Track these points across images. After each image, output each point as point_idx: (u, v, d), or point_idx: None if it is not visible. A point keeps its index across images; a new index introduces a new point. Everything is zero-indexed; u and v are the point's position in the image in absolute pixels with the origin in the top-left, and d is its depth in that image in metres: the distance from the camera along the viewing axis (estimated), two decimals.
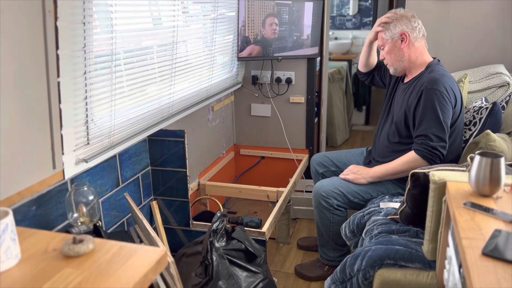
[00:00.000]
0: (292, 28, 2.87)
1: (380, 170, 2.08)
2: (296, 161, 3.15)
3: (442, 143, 1.93)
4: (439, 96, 1.93)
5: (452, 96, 1.97)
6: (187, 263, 1.89)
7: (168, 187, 2.16)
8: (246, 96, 3.18)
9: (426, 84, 1.97)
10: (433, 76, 1.99)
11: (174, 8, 2.07)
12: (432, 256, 1.51)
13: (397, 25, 2.05)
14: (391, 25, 2.07)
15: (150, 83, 1.99)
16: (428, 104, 1.94)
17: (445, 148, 1.94)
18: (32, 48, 1.30)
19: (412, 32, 2.05)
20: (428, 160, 1.94)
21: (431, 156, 1.93)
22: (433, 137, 1.93)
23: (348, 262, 1.68)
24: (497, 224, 1.12)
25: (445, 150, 1.94)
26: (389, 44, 2.10)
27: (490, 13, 2.70)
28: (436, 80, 1.96)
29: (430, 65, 2.07)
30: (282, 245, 2.70)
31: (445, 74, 2.01)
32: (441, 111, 1.93)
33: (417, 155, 1.95)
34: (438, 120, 1.92)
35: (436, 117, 1.93)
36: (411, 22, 2.05)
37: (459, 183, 1.34)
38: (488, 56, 2.74)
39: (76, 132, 1.55)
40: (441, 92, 1.93)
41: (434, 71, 2.03)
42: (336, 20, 5.64)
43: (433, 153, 1.92)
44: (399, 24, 2.05)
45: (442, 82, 1.96)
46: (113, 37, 1.66)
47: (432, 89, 1.94)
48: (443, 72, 2.03)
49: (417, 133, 1.97)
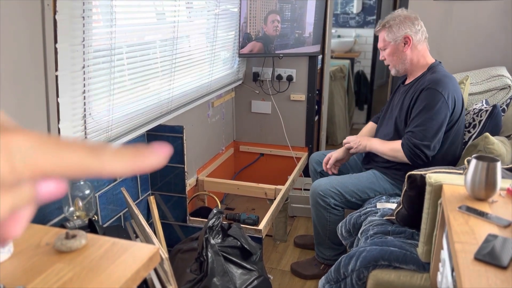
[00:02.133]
0: (294, 25, 2.86)
1: (373, 147, 2.13)
2: (295, 159, 3.15)
3: (427, 143, 1.92)
4: (438, 97, 1.93)
5: (451, 100, 1.96)
6: (182, 259, 1.90)
7: (166, 183, 2.17)
8: (246, 93, 3.17)
9: (427, 83, 1.96)
10: (435, 76, 1.98)
11: (176, 3, 2.06)
12: (427, 258, 1.51)
13: (400, 28, 2.04)
14: (394, 28, 2.05)
15: (150, 78, 1.99)
16: (425, 103, 1.94)
17: (429, 148, 1.92)
18: (31, 41, 1.30)
19: (415, 35, 2.04)
20: (408, 157, 1.95)
21: (410, 154, 1.93)
22: (419, 135, 1.93)
23: (343, 262, 1.68)
24: (491, 229, 1.12)
25: (429, 150, 1.93)
26: (391, 46, 2.08)
27: (493, 15, 2.69)
28: (438, 80, 1.95)
29: (432, 66, 2.06)
30: (279, 243, 2.70)
31: (447, 75, 2.01)
32: (435, 113, 1.92)
33: (400, 147, 1.98)
34: (430, 121, 1.92)
35: (429, 117, 1.92)
36: (415, 25, 2.04)
37: (455, 186, 1.34)
38: (490, 58, 2.72)
39: (74, 126, 1.55)
40: (441, 94, 1.93)
41: (436, 72, 2.02)
42: (339, 18, 5.62)
43: (413, 151, 1.92)
44: (402, 27, 2.03)
45: (444, 83, 1.95)
46: (113, 32, 1.66)
47: (431, 89, 1.94)
48: (445, 73, 2.02)
49: (407, 128, 1.99)
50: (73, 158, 0.24)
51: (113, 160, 0.25)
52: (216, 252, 1.77)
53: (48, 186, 0.25)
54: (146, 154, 0.26)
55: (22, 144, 0.24)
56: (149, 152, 0.26)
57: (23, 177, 0.24)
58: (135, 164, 0.26)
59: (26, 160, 0.23)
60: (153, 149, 0.26)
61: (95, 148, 0.25)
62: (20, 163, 0.23)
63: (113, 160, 0.25)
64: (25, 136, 0.24)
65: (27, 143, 0.24)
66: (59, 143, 0.24)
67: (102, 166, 0.25)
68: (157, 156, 0.26)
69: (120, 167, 0.25)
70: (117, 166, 0.25)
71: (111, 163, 0.25)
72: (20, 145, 0.23)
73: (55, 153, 0.24)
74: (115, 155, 0.25)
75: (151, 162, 0.26)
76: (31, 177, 0.24)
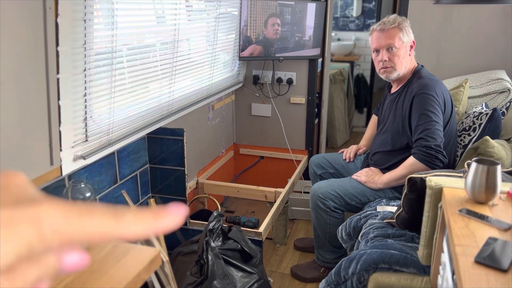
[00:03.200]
0: (294, 28, 2.87)
1: (388, 177, 2.07)
2: (295, 161, 3.15)
3: (437, 142, 1.92)
4: (430, 99, 1.96)
5: (442, 100, 1.99)
6: (182, 262, 1.90)
7: (166, 185, 2.17)
8: (246, 96, 3.18)
9: (416, 90, 2.00)
10: (423, 82, 2.02)
11: (176, 6, 2.07)
12: (427, 262, 1.51)
13: (410, 31, 2.09)
14: (406, 30, 2.07)
15: (151, 80, 1.99)
16: (420, 109, 1.96)
17: (441, 147, 1.93)
18: (32, 44, 1.30)
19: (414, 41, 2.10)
20: (426, 163, 1.92)
21: (426, 157, 1.92)
22: (428, 138, 1.93)
23: (343, 265, 1.68)
24: (491, 232, 1.12)
25: (442, 149, 1.93)
26: (403, 48, 2.07)
27: (492, 19, 2.70)
28: (426, 85, 1.99)
29: (417, 70, 2.10)
30: (279, 246, 2.70)
31: (433, 78, 2.05)
32: (433, 114, 1.95)
33: (415, 158, 1.95)
34: (431, 123, 1.94)
35: (429, 120, 1.94)
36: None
37: (455, 190, 1.34)
38: (489, 61, 2.73)
39: (75, 128, 1.55)
40: (432, 96, 1.97)
41: (422, 77, 2.05)
42: (339, 21, 5.63)
43: (429, 153, 1.92)
44: (410, 30, 2.09)
45: (432, 86, 1.99)
46: (114, 35, 1.66)
47: (422, 94, 1.98)
48: (430, 76, 2.07)
49: (414, 138, 1.98)
50: (97, 225, 0.26)
51: (134, 224, 0.27)
52: (217, 255, 1.77)
53: (73, 257, 0.27)
54: (164, 216, 0.28)
55: (49, 213, 0.25)
56: (167, 214, 0.28)
57: (51, 246, 0.25)
58: (154, 227, 0.27)
59: (54, 229, 0.25)
60: (170, 210, 0.28)
61: (116, 213, 0.27)
62: (48, 232, 0.25)
63: (134, 224, 0.27)
64: (51, 205, 0.25)
65: (54, 212, 0.25)
66: (83, 210, 0.26)
67: (123, 232, 0.27)
68: (174, 217, 0.28)
69: (140, 230, 0.27)
70: (137, 230, 0.27)
71: (132, 228, 0.27)
72: (47, 214, 0.25)
73: (80, 221, 0.26)
74: (135, 219, 0.27)
75: (169, 224, 0.28)
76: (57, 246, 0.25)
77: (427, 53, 2.74)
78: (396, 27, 2.06)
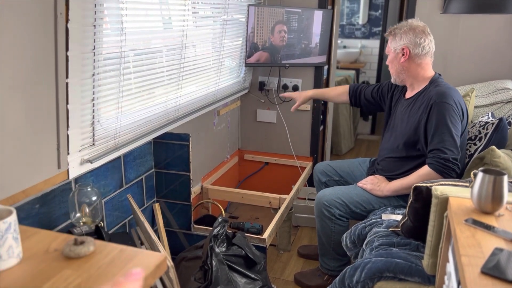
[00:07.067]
0: (301, 36, 2.88)
1: (396, 185, 2.05)
2: (300, 168, 3.16)
3: (455, 155, 1.90)
4: (450, 109, 1.92)
5: (460, 110, 1.96)
6: (186, 267, 1.90)
7: (171, 190, 2.17)
8: (252, 102, 3.19)
9: (435, 98, 1.95)
10: (441, 90, 1.98)
11: (184, 13, 2.09)
12: (432, 271, 1.50)
13: (402, 38, 2.03)
14: (397, 37, 2.05)
15: (158, 86, 2.00)
16: (439, 118, 1.92)
17: (458, 160, 1.91)
18: (42, 49, 1.32)
19: (414, 48, 2.01)
20: (442, 174, 1.90)
21: (443, 169, 1.89)
22: (446, 150, 1.90)
23: (348, 273, 1.68)
24: (497, 242, 1.11)
25: (458, 162, 1.91)
26: (391, 54, 2.10)
27: (499, 29, 2.70)
28: (445, 93, 1.95)
29: (434, 79, 2.06)
30: (283, 252, 2.70)
31: (452, 88, 2.01)
32: (452, 125, 1.91)
33: (430, 169, 1.91)
34: (450, 134, 1.91)
35: (448, 131, 1.91)
36: (417, 38, 2.01)
37: (461, 199, 1.34)
38: (496, 71, 2.73)
39: (82, 132, 1.56)
40: (451, 106, 1.92)
41: (439, 85, 2.02)
42: (345, 29, 5.65)
43: (446, 165, 1.89)
44: (404, 37, 2.02)
45: (451, 95, 1.95)
46: (123, 40, 1.68)
47: (442, 103, 1.93)
48: (447, 85, 2.03)
49: (430, 148, 1.94)
50: None
51: None
52: (221, 261, 1.77)
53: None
54: None
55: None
56: None
57: None
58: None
59: None
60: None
61: None
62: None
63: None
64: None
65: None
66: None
67: None
68: None
69: None
70: None
71: None
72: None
73: None
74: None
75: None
76: None
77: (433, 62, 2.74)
78: (389, 34, 2.10)
